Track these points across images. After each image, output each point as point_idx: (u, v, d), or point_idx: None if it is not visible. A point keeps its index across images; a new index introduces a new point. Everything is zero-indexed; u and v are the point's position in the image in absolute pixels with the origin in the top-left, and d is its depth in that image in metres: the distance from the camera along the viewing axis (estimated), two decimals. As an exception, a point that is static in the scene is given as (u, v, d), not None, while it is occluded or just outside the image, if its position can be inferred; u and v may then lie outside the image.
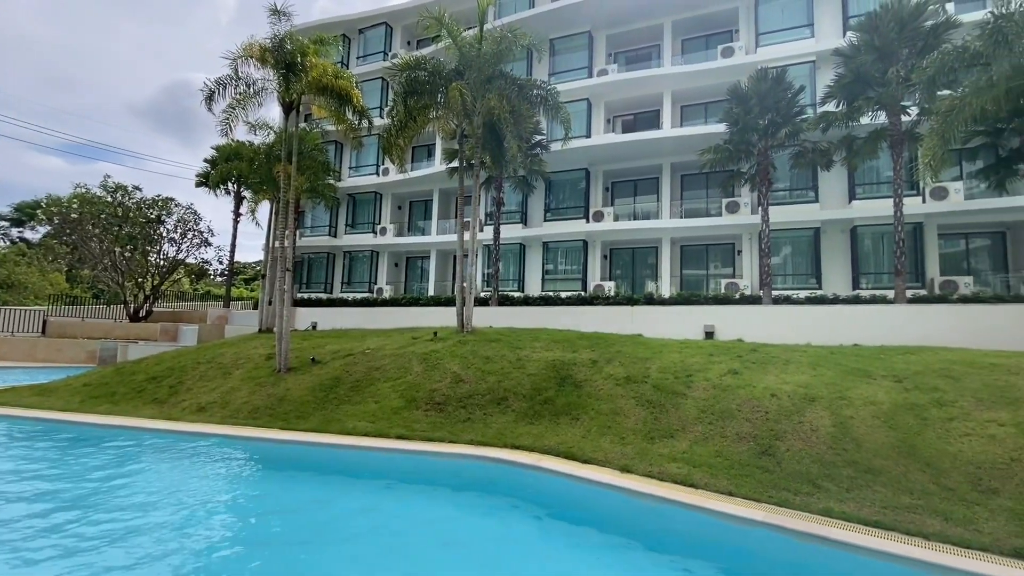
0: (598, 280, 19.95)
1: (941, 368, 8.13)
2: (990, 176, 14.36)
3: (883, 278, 15.93)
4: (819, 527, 5.34)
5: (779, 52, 17.77)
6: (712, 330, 13.29)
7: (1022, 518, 5.20)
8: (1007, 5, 10.08)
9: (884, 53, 13.30)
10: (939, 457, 6.25)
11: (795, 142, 15.42)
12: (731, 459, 6.99)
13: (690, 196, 20.50)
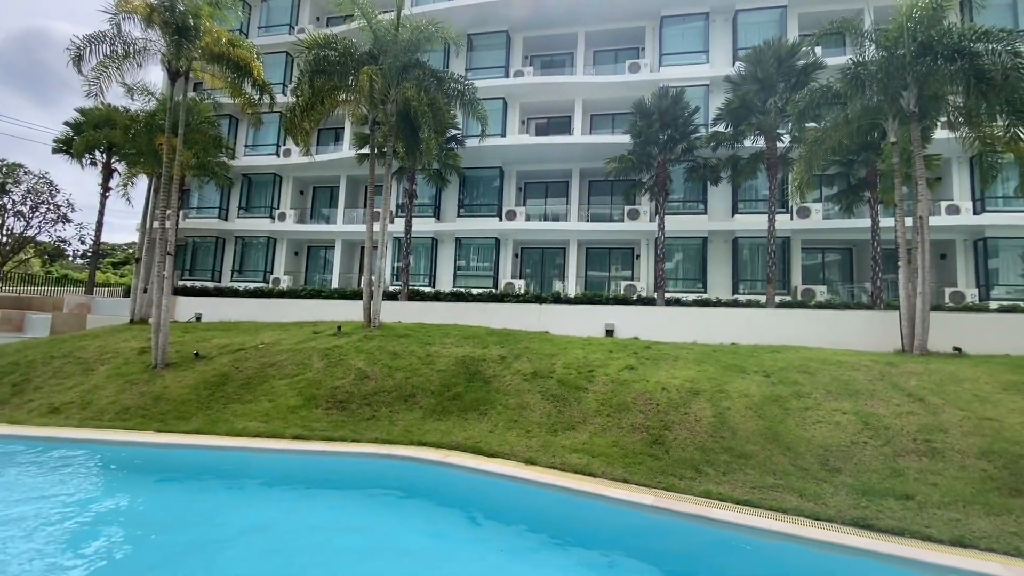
0: (509, 278, 20.27)
1: (800, 365, 9.35)
2: (842, 201, 16.78)
3: (757, 284, 17.93)
4: (700, 508, 5.90)
5: (679, 73, 19.25)
6: (612, 328, 14.10)
7: (859, 492, 6.15)
8: (863, 54, 11.81)
9: (765, 85, 14.95)
10: (797, 442, 7.19)
11: (690, 158, 16.81)
12: (626, 448, 7.48)
13: (596, 201, 21.54)
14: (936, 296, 15.81)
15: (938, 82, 10.48)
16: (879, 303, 14.67)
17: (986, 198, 16.82)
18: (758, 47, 15.38)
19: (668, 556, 5.61)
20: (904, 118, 11.02)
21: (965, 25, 11.05)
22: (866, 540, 5.24)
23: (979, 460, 6.42)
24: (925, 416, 7.31)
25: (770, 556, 5.42)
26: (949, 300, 16.10)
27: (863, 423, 7.33)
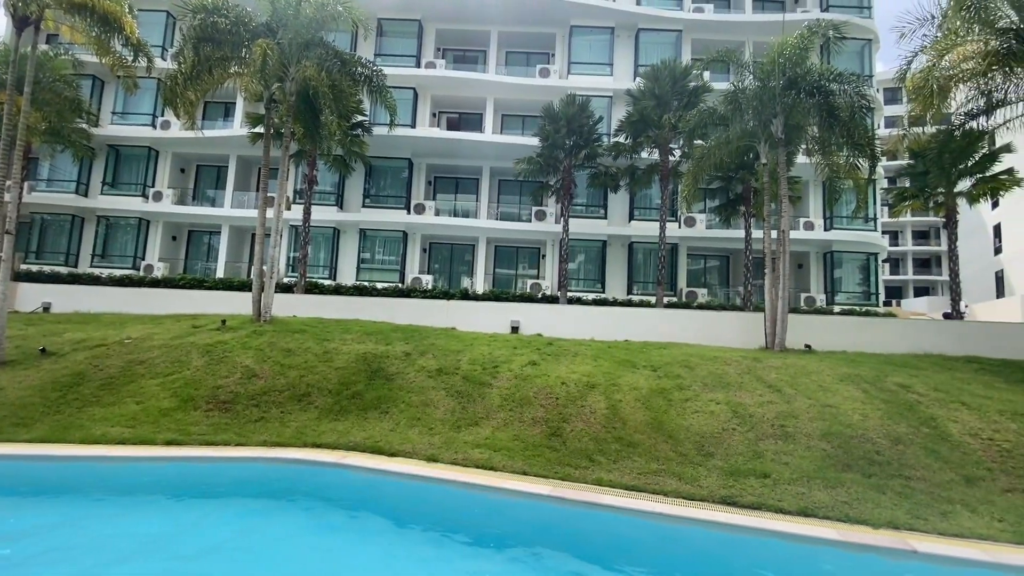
0: (416, 273, 19.91)
1: (683, 360, 10.27)
2: (722, 213, 18.67)
3: (649, 286, 19.36)
4: (592, 495, 6.26)
5: (585, 82, 20.15)
6: (518, 325, 14.44)
7: (727, 473, 6.90)
8: (743, 82, 13.21)
9: (661, 101, 16.16)
10: (678, 430, 7.90)
11: (593, 164, 17.70)
12: (527, 441, 7.71)
13: (506, 200, 21.89)
14: (794, 300, 18.19)
15: (800, 114, 12.05)
16: (749, 305, 16.56)
17: (833, 217, 19.68)
18: (656, 66, 16.59)
19: (563, 541, 5.89)
20: (773, 143, 12.52)
21: (823, 66, 12.84)
22: (731, 515, 5.90)
23: (821, 441, 7.50)
24: (781, 404, 8.39)
25: (652, 536, 5.91)
26: (804, 304, 18.60)
27: (733, 412, 8.23)
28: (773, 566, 5.54)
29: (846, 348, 12.42)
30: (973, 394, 8.55)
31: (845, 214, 19.59)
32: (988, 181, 17.48)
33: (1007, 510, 6.01)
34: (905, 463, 6.93)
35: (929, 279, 46.23)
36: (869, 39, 20.27)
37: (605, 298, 18.66)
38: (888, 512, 5.96)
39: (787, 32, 12.85)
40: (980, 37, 9.86)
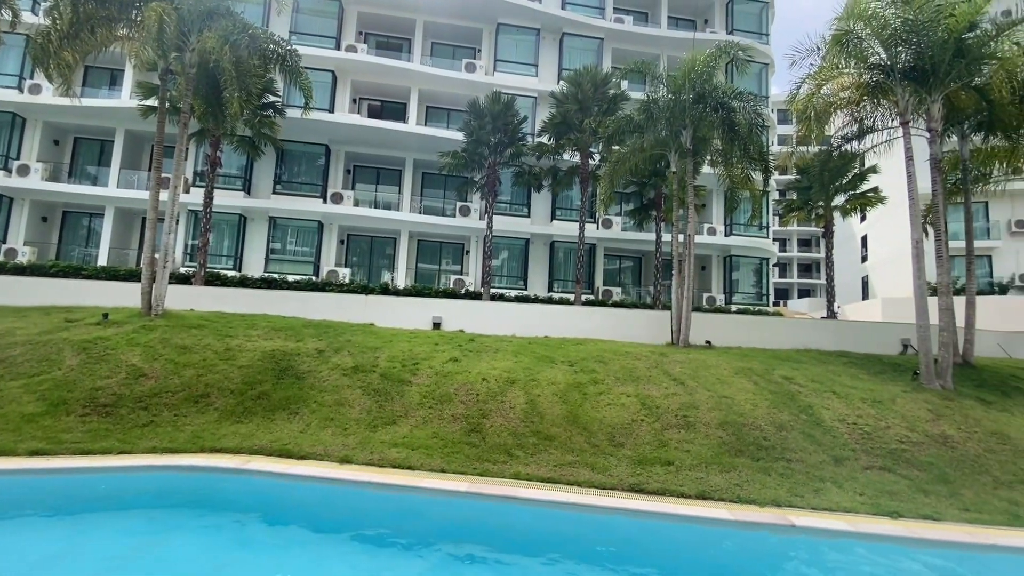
0: (332, 265, 19.02)
1: (598, 355, 10.72)
2: (636, 216, 19.69)
3: (568, 284, 19.99)
4: (510, 489, 6.36)
5: (511, 81, 20.31)
6: (440, 321, 14.28)
7: (636, 462, 7.31)
8: (657, 93, 13.97)
9: (583, 106, 16.70)
10: (592, 422, 8.23)
11: (517, 163, 17.91)
12: (446, 439, 7.66)
13: (429, 194, 21.53)
14: (697, 300, 19.63)
15: (707, 127, 13.00)
16: (658, 304, 17.64)
17: (732, 224, 21.49)
18: (579, 71, 17.10)
19: (481, 536, 5.92)
20: (683, 152, 13.40)
21: (727, 84, 13.94)
22: (639, 502, 6.27)
23: (718, 430, 8.18)
24: (684, 396, 9.03)
25: (567, 525, 6.12)
26: (706, 303, 20.14)
27: (642, 404, 8.73)
28: (675, 547, 5.96)
29: (741, 344, 13.62)
30: (842, 384, 9.74)
31: (742, 222, 21.47)
32: (858, 198, 20.01)
33: (867, 485, 6.92)
34: (787, 447, 7.74)
35: (810, 282, 51.97)
36: (766, 63, 22.32)
37: (527, 295, 19.00)
38: (772, 491, 6.64)
39: (697, 49, 13.81)
40: (855, 70, 11.23)
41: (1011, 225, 23.32)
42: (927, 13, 10.08)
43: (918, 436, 8.02)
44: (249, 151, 17.48)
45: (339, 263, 19.78)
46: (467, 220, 19.63)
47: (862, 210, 21.11)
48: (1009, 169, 12.68)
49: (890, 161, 15.12)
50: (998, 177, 13.19)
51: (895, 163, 12.10)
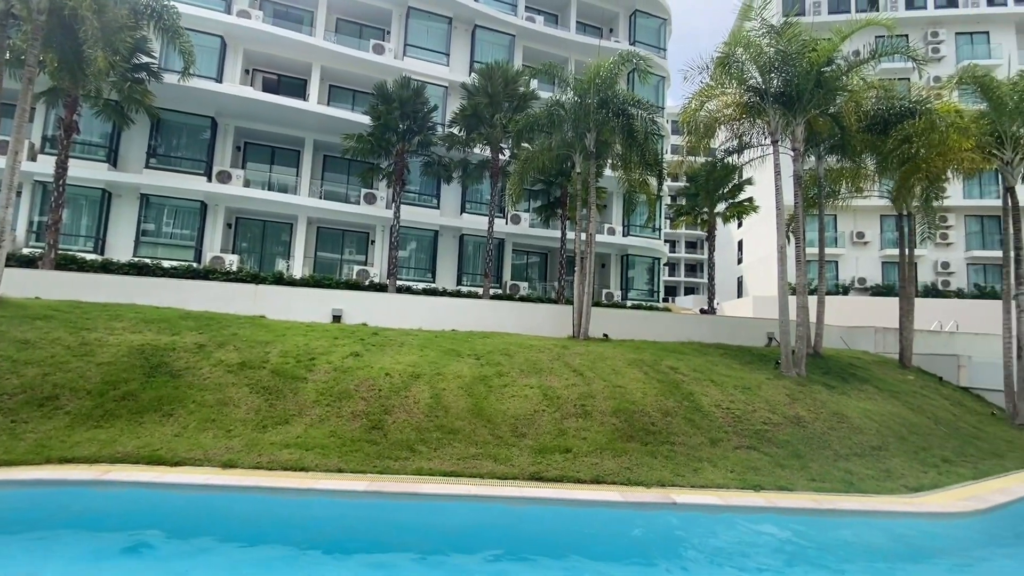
0: (218, 251, 17.32)
1: (503, 348, 10.88)
2: (543, 213, 20.24)
3: (477, 278, 20.05)
4: (411, 485, 6.24)
5: (422, 68, 19.80)
6: (340, 314, 13.59)
7: (536, 451, 7.54)
8: (565, 95, 14.41)
9: (494, 101, 16.75)
10: (496, 415, 8.35)
11: (426, 153, 17.53)
12: (344, 437, 7.32)
13: (332, 178, 20.38)
14: (597, 295, 20.69)
15: (609, 131, 13.67)
16: (562, 299, 18.32)
17: (629, 225, 22.89)
18: (490, 65, 17.12)
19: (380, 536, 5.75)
20: (587, 154, 13.99)
21: (628, 92, 14.76)
22: (538, 490, 6.48)
23: (612, 417, 8.69)
24: (583, 386, 9.47)
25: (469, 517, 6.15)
26: (604, 299, 21.29)
27: (544, 395, 9.02)
28: (572, 530, 6.24)
29: (634, 337, 14.59)
30: (719, 373, 10.82)
31: (639, 223, 22.97)
32: (736, 206, 22.31)
33: (736, 463, 7.76)
34: (671, 431, 8.44)
35: (695, 281, 57.06)
36: (663, 76, 23.99)
37: (435, 288, 18.74)
38: (658, 473, 7.20)
39: (602, 56, 14.45)
40: (736, 91, 12.45)
41: (853, 236, 27.44)
42: (795, 46, 11.45)
43: (778, 418, 9.15)
44: (116, 118, 15.28)
45: (226, 249, 18.06)
46: (373, 208, 18.88)
47: (739, 217, 23.57)
48: (853, 188, 14.86)
49: (763, 175, 17.00)
50: (844, 194, 15.39)
51: (767, 176, 13.63)
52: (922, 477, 7.88)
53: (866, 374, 12.36)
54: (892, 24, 11.85)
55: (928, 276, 26.41)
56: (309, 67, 19.17)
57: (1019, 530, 6.94)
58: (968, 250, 26.78)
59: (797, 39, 11.50)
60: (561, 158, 15.55)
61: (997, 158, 11.90)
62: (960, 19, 28.54)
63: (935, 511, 6.68)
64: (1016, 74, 12.13)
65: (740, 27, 12.31)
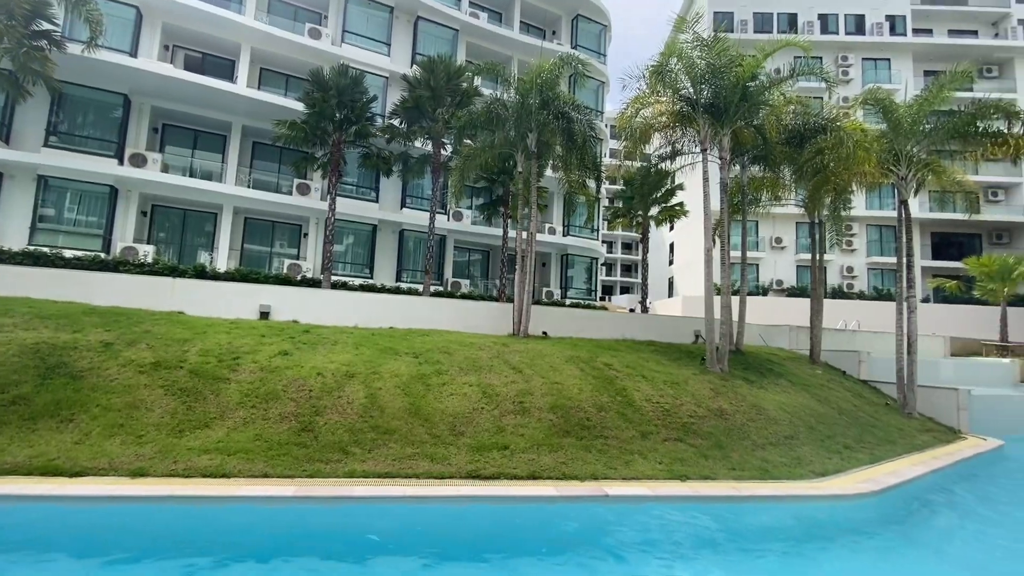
0: (130, 241, 15.91)
1: (443, 346, 10.77)
2: (486, 211, 20.22)
3: (417, 274, 19.71)
4: (342, 488, 6.04)
5: (361, 56, 19.16)
6: (268, 310, 12.89)
7: (474, 449, 7.52)
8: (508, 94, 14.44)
9: (436, 95, 16.51)
10: (434, 413, 8.25)
11: (364, 144, 16.98)
12: (271, 440, 6.96)
13: (262, 167, 19.29)
14: (538, 293, 20.97)
15: (549, 132, 13.86)
16: (503, 297, 18.40)
17: (569, 225, 23.37)
18: (433, 58, 16.84)
19: (307, 542, 5.51)
20: (528, 154, 14.12)
21: (569, 95, 15.03)
22: (475, 488, 6.47)
23: (549, 413, 8.84)
24: (522, 383, 9.56)
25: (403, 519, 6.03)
26: (544, 297, 21.61)
27: (483, 393, 9.01)
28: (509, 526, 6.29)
29: (572, 334, 14.92)
30: (650, 369, 11.29)
31: (578, 224, 23.51)
32: (668, 210, 23.36)
33: (665, 455, 8.13)
34: (605, 426, 8.70)
35: (630, 281, 59.24)
36: (603, 81, 24.66)
37: (373, 284, 18.22)
38: (592, 467, 7.41)
39: (544, 57, 14.63)
40: (670, 99, 13.02)
41: (772, 241, 29.56)
42: (723, 60, 12.13)
43: (703, 411, 9.68)
44: (9, 89, 13.59)
45: (140, 239, 16.62)
46: (306, 199, 18.05)
47: (671, 220, 24.69)
48: (773, 196, 15.98)
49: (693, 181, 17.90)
50: (765, 202, 16.52)
51: (697, 183, 14.35)
52: (827, 463, 8.62)
53: (781, 369, 13.35)
54: (809, 47, 12.84)
55: (836, 279, 28.97)
56: (238, 47, 18.01)
57: (907, 509, 7.76)
58: (869, 256, 29.63)
59: (725, 53, 12.18)
60: (503, 156, 15.60)
61: (894, 174, 13.22)
62: (866, 46, 31.46)
63: (837, 494, 7.33)
64: (911, 98, 13.52)
65: (675, 39, 12.85)
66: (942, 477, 9.01)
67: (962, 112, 12.60)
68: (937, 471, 9.02)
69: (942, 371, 16.84)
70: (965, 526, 7.45)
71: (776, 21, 32.01)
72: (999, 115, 12.23)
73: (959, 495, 8.75)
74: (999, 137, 12.35)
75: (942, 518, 7.89)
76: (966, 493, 8.90)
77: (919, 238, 28.71)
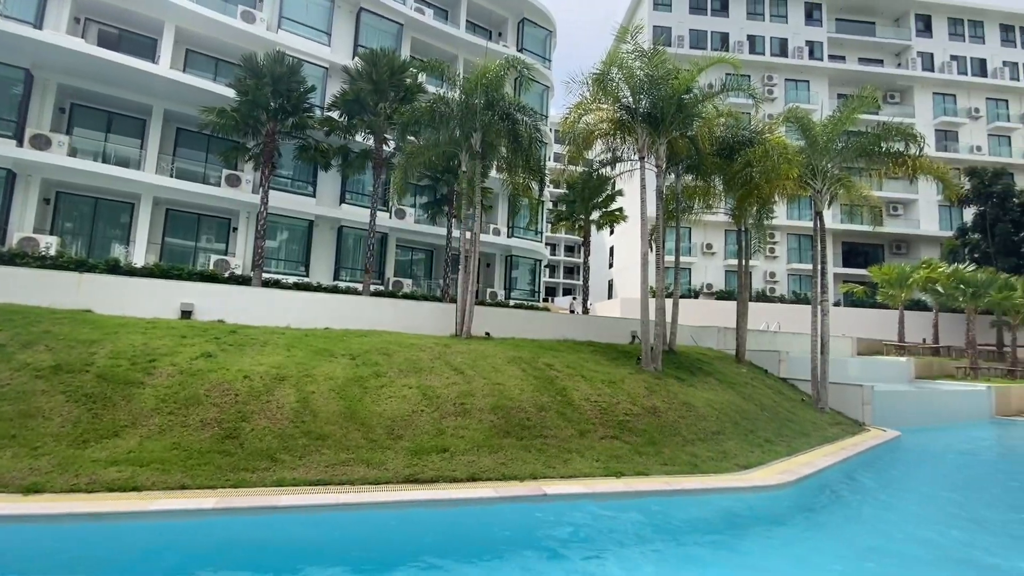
0: (30, 231, 14.34)
1: (382, 347, 10.49)
2: (430, 210, 19.94)
3: (357, 273, 19.10)
4: (271, 498, 5.72)
5: (299, 44, 18.33)
6: (191, 309, 12.01)
7: (413, 453, 7.37)
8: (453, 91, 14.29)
9: (379, 89, 16.06)
10: (371, 417, 8.01)
11: (301, 135, 16.23)
12: (190, 449, 6.49)
13: (187, 155, 17.99)
14: (482, 294, 20.91)
15: (494, 133, 13.88)
16: (447, 297, 18.20)
17: (514, 227, 23.51)
18: (376, 51, 16.37)
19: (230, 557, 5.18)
20: (473, 154, 14.06)
21: (514, 97, 15.11)
22: (413, 492, 6.34)
23: (490, 414, 8.83)
24: (463, 385, 9.49)
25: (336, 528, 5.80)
26: (489, 297, 21.59)
27: (423, 395, 8.86)
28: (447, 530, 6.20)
29: (515, 335, 15.01)
30: (589, 369, 11.55)
31: (522, 225, 23.69)
32: (609, 215, 24.05)
33: (602, 452, 8.34)
34: (545, 425, 8.81)
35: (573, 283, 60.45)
36: (548, 86, 25.01)
37: (309, 282, 17.45)
38: (531, 466, 7.47)
39: (490, 58, 14.62)
40: (610, 107, 13.41)
41: (703, 247, 31.19)
42: (661, 72, 12.64)
43: (638, 409, 10.02)
44: None
45: (42, 229, 15.01)
46: (236, 192, 17.00)
47: (611, 225, 25.46)
48: (705, 204, 16.83)
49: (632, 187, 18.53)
50: (698, 210, 17.38)
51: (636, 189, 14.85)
52: (750, 456, 9.18)
53: (710, 368, 14.09)
54: (739, 64, 13.65)
55: (760, 283, 30.99)
56: (161, 25, 16.68)
57: (820, 496, 8.41)
58: (789, 263, 31.93)
59: (663, 66, 12.70)
60: (448, 155, 15.43)
61: (811, 187, 14.32)
62: (789, 67, 33.91)
63: (759, 485, 7.82)
64: (826, 118, 14.70)
65: (617, 49, 13.25)
66: (849, 466, 9.84)
67: (869, 133, 13.86)
68: (845, 461, 9.84)
69: (850, 369, 18.42)
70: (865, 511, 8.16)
71: (710, 39, 33.84)
72: (900, 137, 13.54)
73: (863, 482, 9.59)
74: (899, 157, 13.67)
75: (848, 504, 8.61)
76: (868, 480, 9.77)
77: (832, 247, 31.35)
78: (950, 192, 14.27)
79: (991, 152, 34.32)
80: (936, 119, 34.43)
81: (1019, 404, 18.26)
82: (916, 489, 9.71)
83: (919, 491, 9.60)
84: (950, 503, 8.99)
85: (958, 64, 35.40)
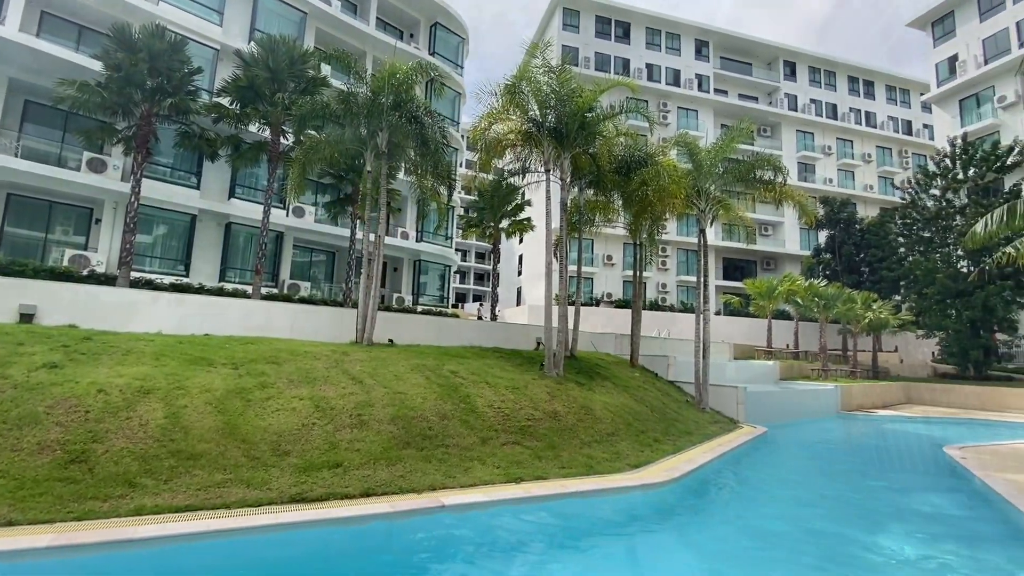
0: None
1: (270, 355, 9.70)
2: (332, 209, 18.95)
3: (247, 274, 17.60)
4: (124, 530, 5.00)
5: (185, 20, 16.64)
6: (33, 312, 10.25)
7: (301, 470, 6.86)
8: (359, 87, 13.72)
9: (277, 78, 15.01)
10: (254, 432, 7.34)
11: (184, 120, 14.69)
12: (22, 478, 5.49)
13: (39, 132, 15.53)
14: (389, 299, 20.25)
15: (402, 135, 13.55)
16: (349, 301, 17.36)
17: (423, 231, 23.12)
18: (275, 37, 15.32)
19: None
20: (379, 154, 13.60)
21: (424, 100, 14.87)
22: (300, 513, 5.88)
23: (390, 425, 8.50)
24: (361, 395, 9.05)
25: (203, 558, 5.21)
26: (395, 303, 20.96)
27: (315, 406, 8.31)
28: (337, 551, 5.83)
29: (421, 342, 14.69)
30: (494, 375, 11.60)
31: (431, 230, 23.38)
32: (517, 223, 24.52)
33: (503, 459, 8.37)
34: (447, 434, 8.66)
35: (483, 289, 60.79)
36: (459, 93, 25.02)
37: (189, 283, 15.72)
38: (431, 477, 7.29)
39: (399, 58, 14.28)
40: (519, 119, 13.69)
41: (604, 258, 32.92)
42: (566, 89, 13.16)
43: (539, 413, 10.23)
44: None
45: None
46: (100, 178, 14.92)
47: (520, 233, 25.96)
48: (605, 218, 17.76)
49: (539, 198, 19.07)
50: (599, 223, 18.29)
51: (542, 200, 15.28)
52: (640, 455, 9.74)
53: (607, 372, 14.81)
54: (637, 87, 14.64)
55: (653, 293, 33.35)
56: (4, -21, 14.25)
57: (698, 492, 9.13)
58: (678, 275, 34.74)
59: (569, 83, 13.24)
60: (352, 153, 14.79)
61: (696, 206, 15.71)
62: (681, 96, 37.07)
63: (648, 483, 8.31)
64: (710, 145, 16.23)
65: (527, 63, 13.59)
66: (725, 461, 10.82)
67: (745, 161, 15.52)
68: (722, 456, 10.80)
69: (727, 372, 20.36)
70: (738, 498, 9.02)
71: (613, 63, 36.02)
72: (769, 167, 15.31)
73: (736, 474, 10.61)
74: (769, 184, 15.45)
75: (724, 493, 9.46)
76: (741, 472, 10.83)
77: (714, 261, 34.66)
78: (808, 217, 16.36)
79: (840, 184, 40.14)
80: (799, 153, 39.55)
81: (859, 400, 21.36)
82: (778, 476, 10.96)
83: (781, 477, 10.85)
84: (804, 486, 10.30)
85: (816, 107, 41.04)
